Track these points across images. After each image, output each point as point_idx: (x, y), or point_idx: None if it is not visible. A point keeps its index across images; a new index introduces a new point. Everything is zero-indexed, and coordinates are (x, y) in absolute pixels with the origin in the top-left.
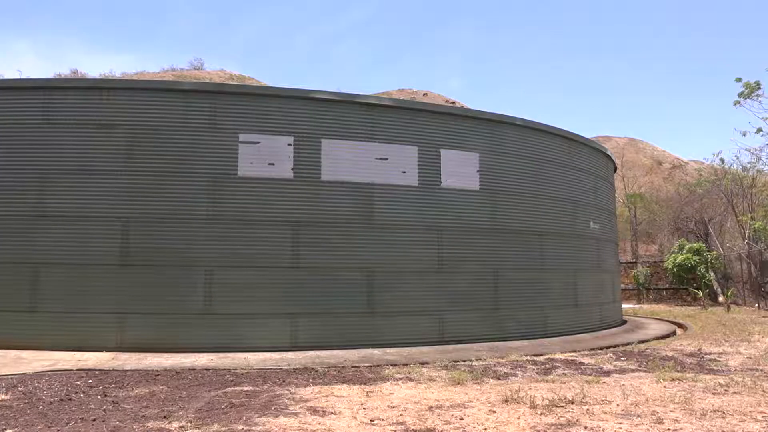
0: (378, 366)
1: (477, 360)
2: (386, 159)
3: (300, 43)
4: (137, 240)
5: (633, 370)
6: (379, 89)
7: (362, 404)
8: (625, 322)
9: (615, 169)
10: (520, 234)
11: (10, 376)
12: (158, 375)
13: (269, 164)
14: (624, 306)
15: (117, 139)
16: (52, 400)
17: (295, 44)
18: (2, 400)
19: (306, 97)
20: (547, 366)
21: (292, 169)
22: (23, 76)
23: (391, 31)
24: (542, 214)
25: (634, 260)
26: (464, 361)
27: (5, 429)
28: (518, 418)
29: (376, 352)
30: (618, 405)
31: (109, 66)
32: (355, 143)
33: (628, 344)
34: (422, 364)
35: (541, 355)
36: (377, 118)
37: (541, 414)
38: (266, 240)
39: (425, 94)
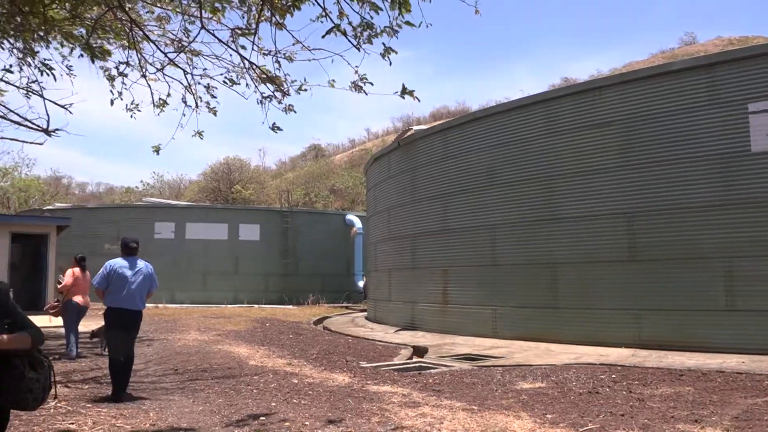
0: None
1: None
2: None
3: None
4: (643, 234)
5: None
6: None
7: None
8: None
9: None
10: None
11: (543, 366)
12: (682, 375)
13: None
14: None
15: (610, 136)
16: (581, 391)
17: None
18: (539, 387)
19: None
20: None
21: None
22: (525, 95)
23: None
24: None
25: None
26: None
27: (545, 414)
28: None
29: None
30: None
31: (596, 66)
32: None
33: None
34: None
35: None
36: None
37: None
38: None
39: None
